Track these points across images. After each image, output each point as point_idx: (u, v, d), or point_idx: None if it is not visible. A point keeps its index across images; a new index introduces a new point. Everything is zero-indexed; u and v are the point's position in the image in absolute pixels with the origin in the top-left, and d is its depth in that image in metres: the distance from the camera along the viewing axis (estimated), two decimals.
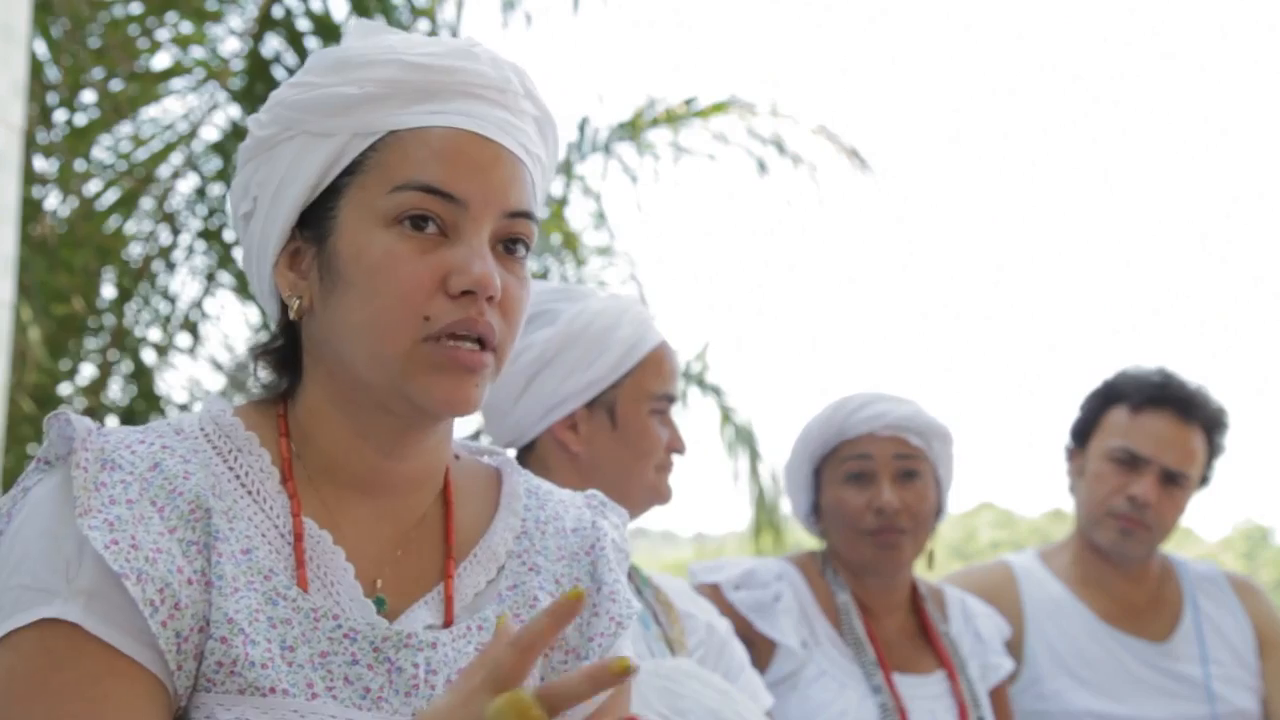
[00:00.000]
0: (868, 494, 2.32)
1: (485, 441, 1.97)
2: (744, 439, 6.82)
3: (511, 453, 1.41)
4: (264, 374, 1.25)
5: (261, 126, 1.21)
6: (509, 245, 1.19)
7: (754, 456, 6.85)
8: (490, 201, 1.17)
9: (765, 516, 6.86)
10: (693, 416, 6.75)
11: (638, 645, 1.92)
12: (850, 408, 2.34)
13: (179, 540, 1.10)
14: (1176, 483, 2.56)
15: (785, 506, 6.89)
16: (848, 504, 2.34)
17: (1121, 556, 2.61)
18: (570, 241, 6.16)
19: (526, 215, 1.19)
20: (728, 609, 2.28)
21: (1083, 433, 2.65)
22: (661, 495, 2.02)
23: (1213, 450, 2.62)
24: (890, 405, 2.34)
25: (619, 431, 1.99)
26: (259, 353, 1.25)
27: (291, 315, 1.20)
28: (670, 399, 2.02)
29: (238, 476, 1.17)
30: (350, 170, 1.17)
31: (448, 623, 1.19)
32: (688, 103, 6.33)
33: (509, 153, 1.19)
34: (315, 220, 1.19)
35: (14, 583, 1.09)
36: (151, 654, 1.08)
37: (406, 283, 1.14)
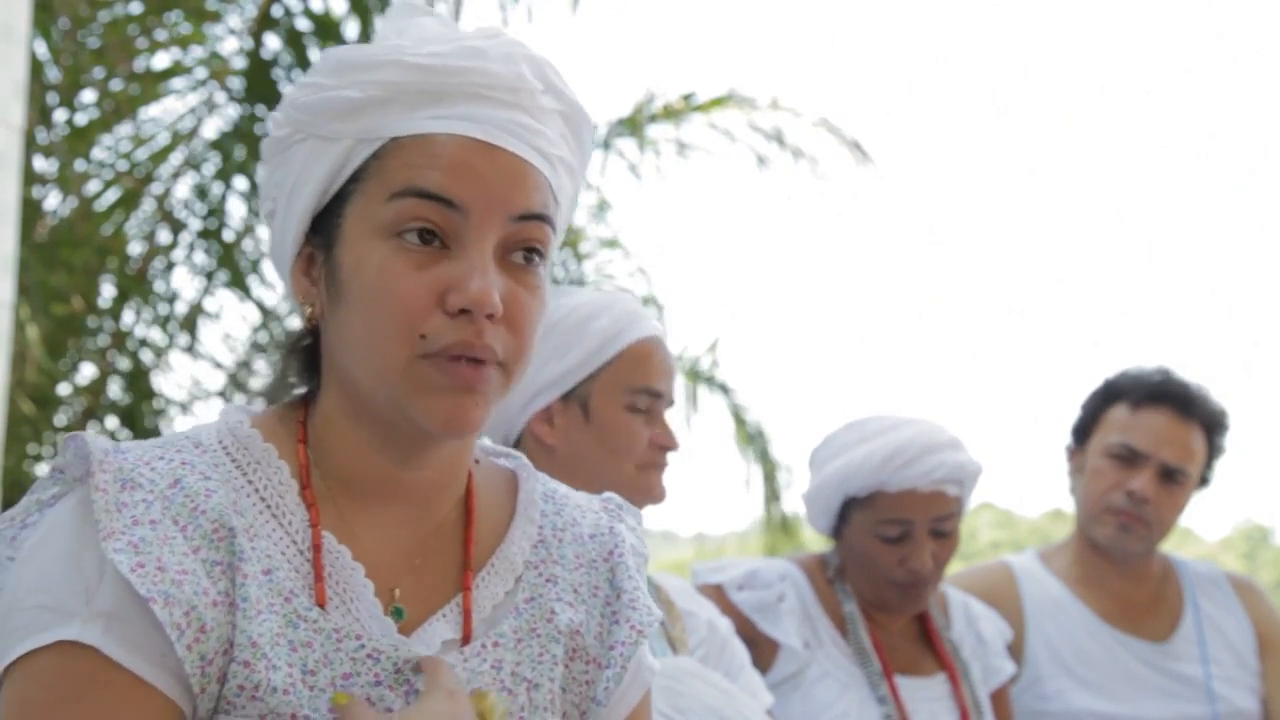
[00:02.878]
0: (901, 551, 2.28)
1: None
2: (755, 437, 6.80)
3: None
4: (291, 377, 1.23)
5: (278, 126, 1.18)
6: (523, 253, 1.14)
7: (765, 455, 6.82)
8: (494, 207, 1.11)
9: (777, 514, 6.84)
10: (701, 414, 6.73)
11: None
12: (896, 464, 2.26)
13: (203, 561, 1.07)
14: (1175, 479, 2.56)
15: (792, 504, 6.91)
16: (880, 559, 2.30)
17: (1120, 552, 2.61)
18: (573, 238, 6.14)
19: (538, 218, 1.14)
20: (730, 609, 2.28)
21: (1083, 431, 2.65)
22: (647, 493, 1.97)
23: (1212, 450, 2.61)
24: (935, 460, 2.26)
25: (592, 425, 1.97)
26: (287, 350, 1.23)
27: (303, 324, 1.19)
28: (653, 394, 1.98)
29: (257, 490, 1.14)
30: (355, 177, 1.14)
31: (465, 637, 1.17)
32: (686, 98, 6.32)
33: (518, 158, 1.13)
34: (325, 227, 1.16)
35: (31, 602, 1.06)
36: (172, 679, 1.05)
37: (402, 300, 1.10)
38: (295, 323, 1.28)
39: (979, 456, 2.34)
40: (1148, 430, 2.55)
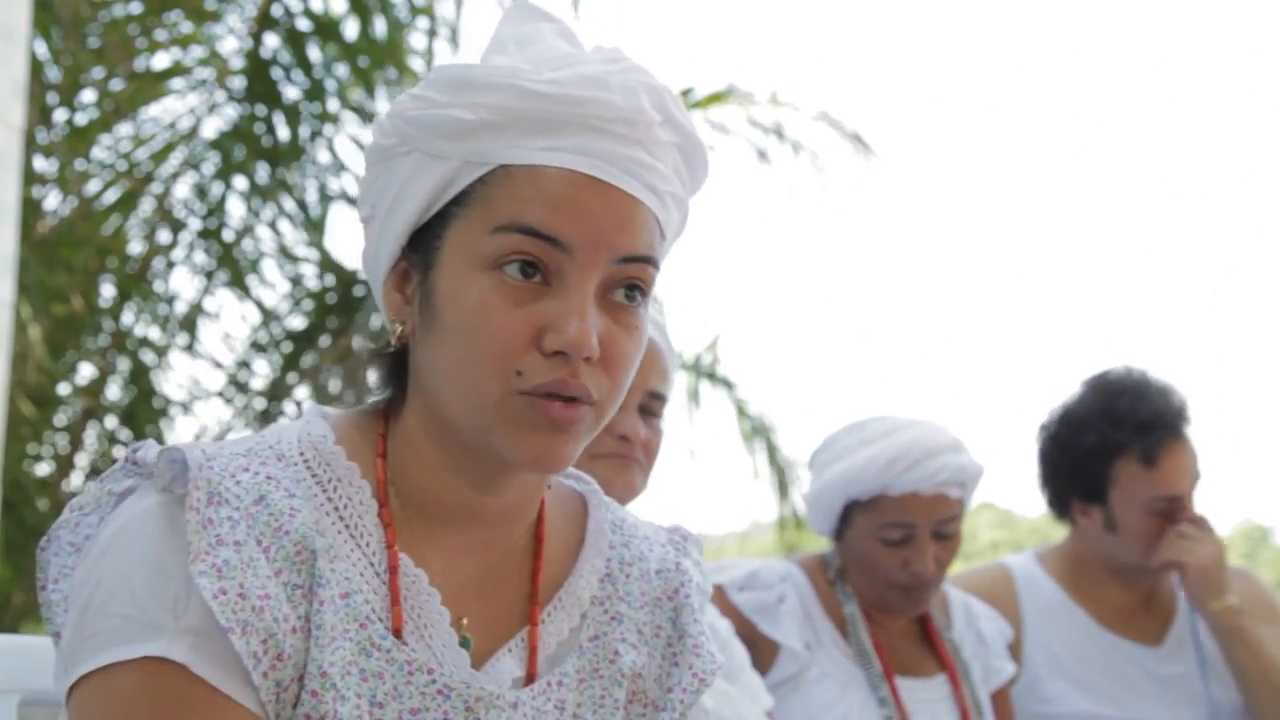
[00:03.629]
0: (903, 554, 2.28)
1: None
2: (760, 431, 6.79)
3: None
4: (373, 376, 1.21)
5: (384, 135, 1.14)
6: (624, 291, 1.10)
7: (772, 449, 6.80)
8: (600, 247, 1.07)
9: (788, 511, 6.82)
10: (703, 412, 6.71)
11: None
12: (899, 468, 2.25)
13: (284, 584, 1.05)
14: (1195, 485, 2.57)
15: (798, 502, 6.89)
16: (882, 561, 2.29)
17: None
18: None
19: (644, 260, 1.10)
20: (731, 610, 2.28)
21: (1093, 492, 2.58)
22: (605, 486, 1.90)
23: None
24: (938, 462, 2.26)
25: None
26: (373, 355, 1.21)
27: (393, 341, 1.16)
28: None
29: (337, 510, 1.11)
30: (459, 200, 1.10)
31: (531, 675, 1.15)
32: (685, 94, 6.31)
33: (629, 197, 1.09)
34: (423, 246, 1.12)
35: (114, 610, 1.03)
36: (256, 701, 1.03)
37: (499, 335, 1.06)
38: (295, 322, 1.27)
39: (980, 457, 2.33)
40: (1174, 475, 2.52)
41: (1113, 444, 2.53)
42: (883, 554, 2.29)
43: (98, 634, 1.02)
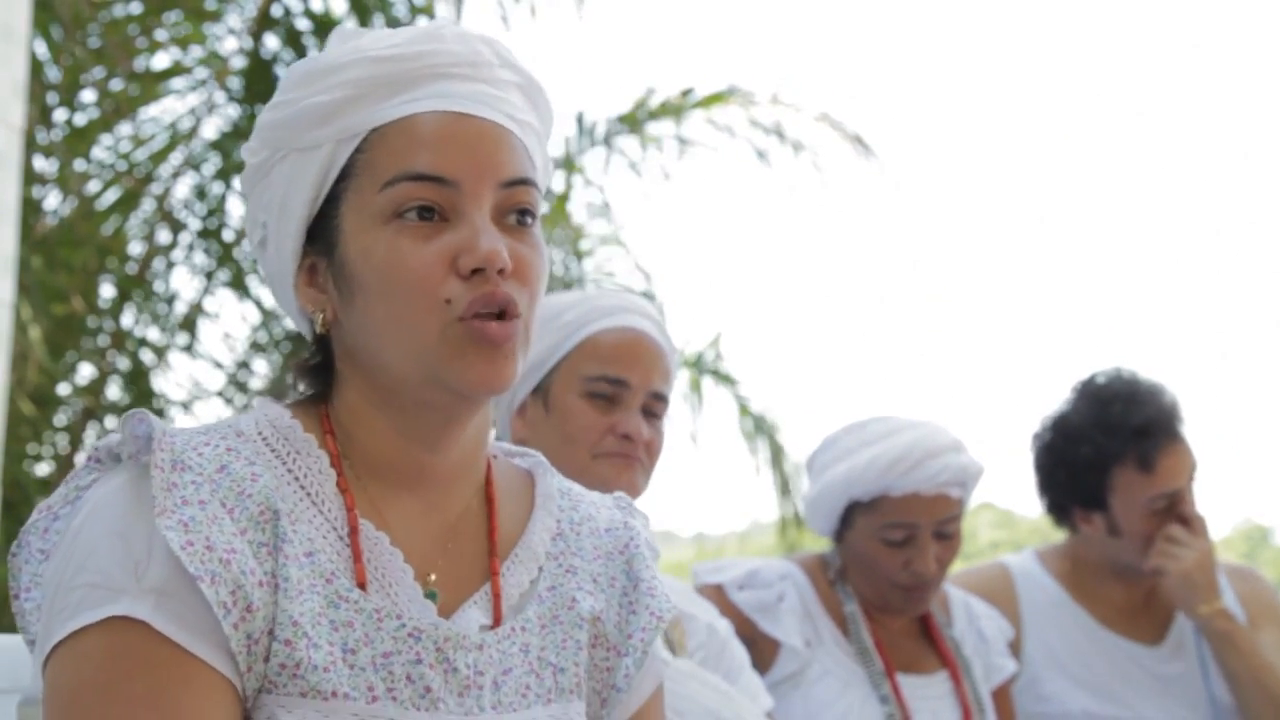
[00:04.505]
0: (905, 554, 2.28)
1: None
2: (763, 429, 6.78)
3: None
4: (302, 385, 1.25)
5: (254, 154, 1.22)
6: (516, 215, 1.18)
7: (775, 447, 6.79)
8: (483, 176, 1.16)
9: (789, 511, 6.81)
10: (704, 412, 6.70)
11: None
12: (901, 469, 2.26)
13: (250, 542, 1.10)
14: (1193, 476, 2.58)
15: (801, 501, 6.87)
16: (882, 562, 2.30)
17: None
18: (574, 235, 6.13)
19: (524, 182, 1.18)
20: (731, 609, 2.28)
21: (1093, 500, 2.58)
22: (606, 485, 1.88)
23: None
24: (940, 463, 2.27)
25: (550, 415, 1.96)
26: (298, 368, 1.25)
27: (317, 329, 1.21)
28: (614, 382, 1.94)
29: (297, 479, 1.16)
30: (343, 176, 1.17)
31: (496, 622, 1.20)
32: (686, 94, 6.31)
33: (493, 124, 1.18)
34: (322, 233, 1.19)
35: (80, 581, 1.07)
36: (223, 655, 1.07)
37: (418, 271, 1.13)
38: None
39: (980, 457, 2.34)
40: (1169, 477, 2.52)
41: (1109, 453, 2.52)
42: (884, 554, 2.29)
43: (65, 607, 1.07)
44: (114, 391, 5.99)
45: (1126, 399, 2.55)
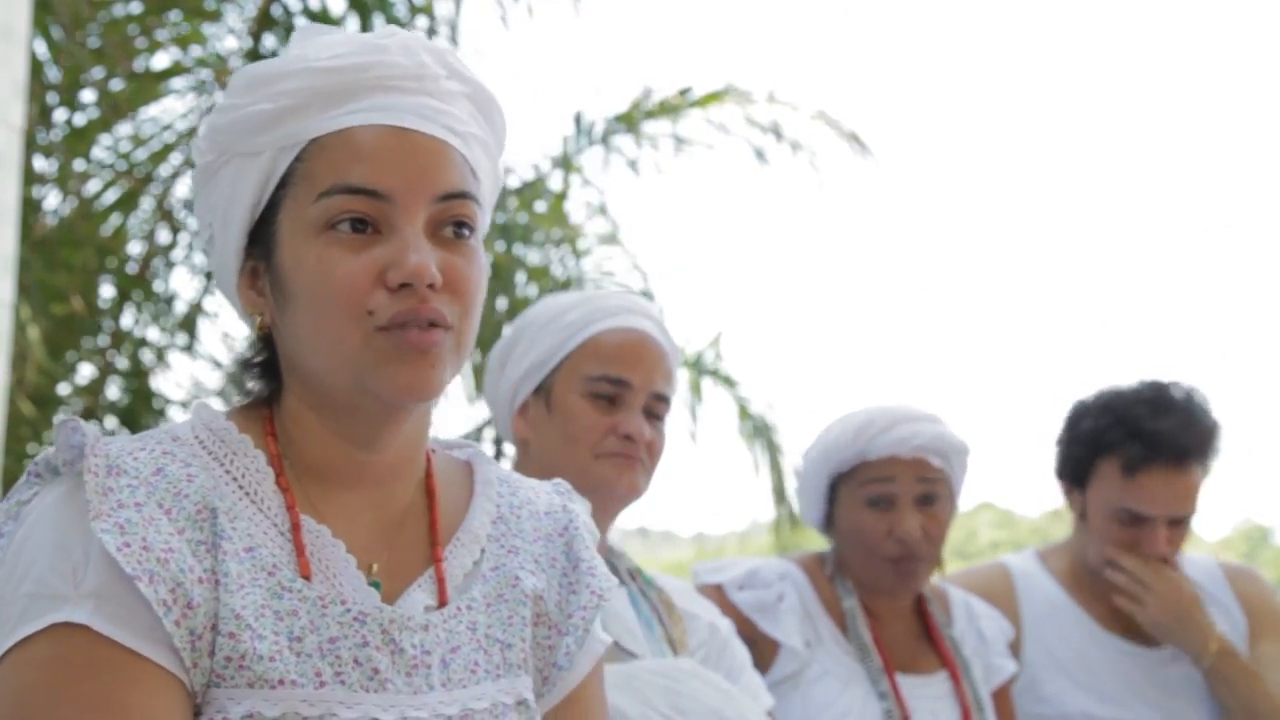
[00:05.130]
0: (888, 520, 2.30)
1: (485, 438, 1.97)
2: (761, 431, 6.78)
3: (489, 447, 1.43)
4: (251, 384, 1.27)
5: (201, 155, 1.24)
6: (453, 229, 1.19)
7: (773, 448, 6.79)
8: (417, 190, 1.17)
9: (784, 512, 6.81)
10: (703, 412, 6.69)
11: (640, 646, 1.92)
12: (874, 430, 2.30)
13: (188, 541, 1.12)
14: (1183, 521, 2.53)
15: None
16: (867, 529, 2.32)
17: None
18: (570, 235, 6.12)
19: (461, 195, 1.20)
20: (731, 609, 2.28)
21: (1077, 478, 2.58)
22: (607, 485, 1.93)
23: (1209, 470, 2.57)
24: (914, 427, 2.30)
25: (552, 415, 1.97)
26: (244, 366, 1.28)
27: (254, 333, 1.23)
28: (615, 382, 1.94)
29: (235, 479, 1.18)
30: (283, 184, 1.19)
31: (441, 603, 1.22)
32: (683, 93, 6.30)
33: (431, 138, 1.19)
34: (262, 238, 1.21)
35: (21, 593, 1.09)
36: (166, 652, 1.08)
37: (344, 281, 1.15)
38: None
39: (977, 453, 2.34)
40: (1147, 494, 2.48)
41: (1103, 440, 2.52)
42: (869, 521, 2.31)
43: (8, 620, 1.08)
44: (114, 391, 5.99)
45: (1158, 407, 2.51)
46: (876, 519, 2.31)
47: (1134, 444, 2.49)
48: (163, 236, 5.90)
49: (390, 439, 1.23)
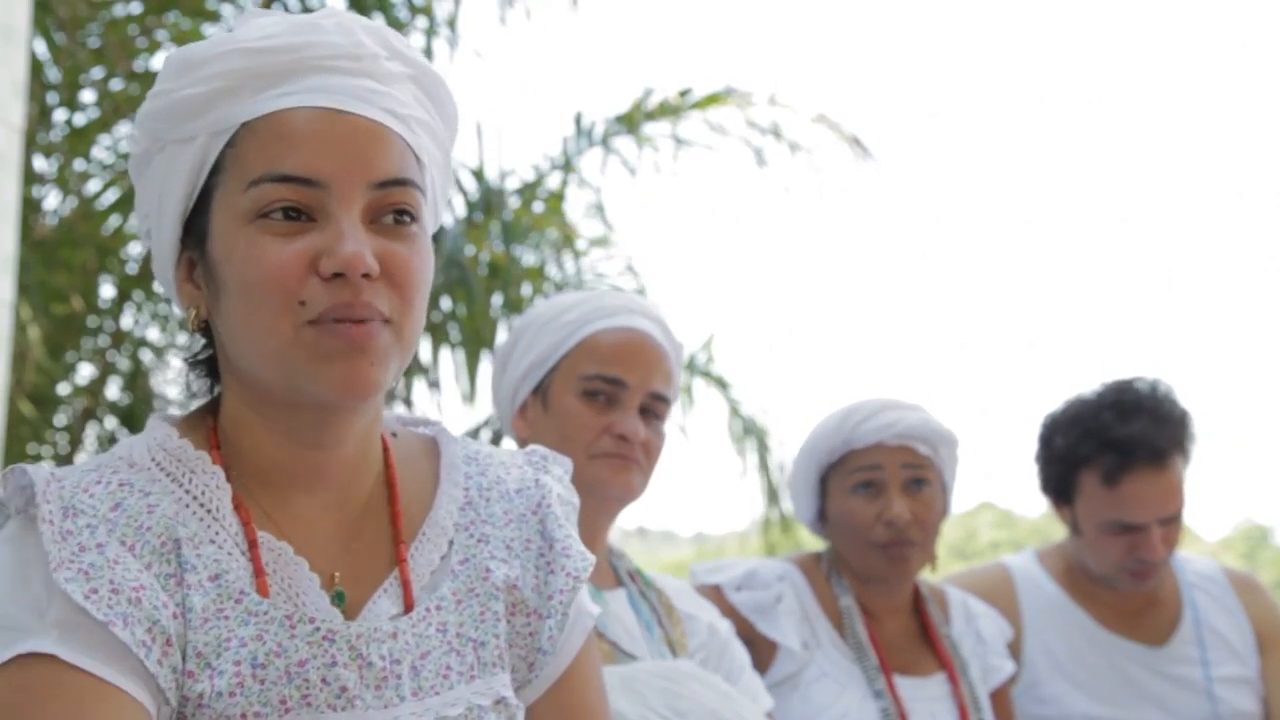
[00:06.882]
0: (877, 505, 2.31)
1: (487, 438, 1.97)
2: (752, 432, 6.78)
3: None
4: (196, 382, 1.23)
5: (137, 143, 1.18)
6: (394, 216, 1.13)
7: (763, 450, 6.80)
8: (354, 176, 1.10)
9: (775, 514, 6.81)
10: (699, 412, 6.70)
11: (639, 648, 1.91)
12: (858, 418, 2.32)
13: (156, 575, 1.08)
14: (1175, 518, 2.53)
15: (789, 502, 6.87)
16: (856, 516, 2.32)
17: (1139, 591, 2.58)
18: (568, 236, 6.12)
19: (402, 182, 1.13)
20: (729, 610, 2.28)
21: (1061, 493, 2.56)
22: (601, 485, 1.92)
23: (1190, 457, 2.54)
24: (898, 414, 2.32)
25: (549, 415, 1.96)
26: (189, 362, 1.23)
27: (189, 328, 1.18)
28: (611, 381, 1.93)
29: (196, 498, 1.14)
30: (215, 171, 1.13)
31: (408, 607, 1.17)
32: (683, 94, 6.30)
33: (369, 121, 1.12)
34: (196, 228, 1.15)
35: None
36: (134, 679, 1.05)
37: (274, 270, 1.08)
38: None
39: (977, 452, 2.35)
40: (1134, 501, 2.45)
41: (1079, 455, 2.50)
42: (858, 509, 2.32)
43: None
44: (114, 391, 5.99)
45: (1126, 410, 2.49)
46: (865, 505, 2.31)
47: (1108, 454, 2.46)
48: None
49: (342, 433, 1.17)
